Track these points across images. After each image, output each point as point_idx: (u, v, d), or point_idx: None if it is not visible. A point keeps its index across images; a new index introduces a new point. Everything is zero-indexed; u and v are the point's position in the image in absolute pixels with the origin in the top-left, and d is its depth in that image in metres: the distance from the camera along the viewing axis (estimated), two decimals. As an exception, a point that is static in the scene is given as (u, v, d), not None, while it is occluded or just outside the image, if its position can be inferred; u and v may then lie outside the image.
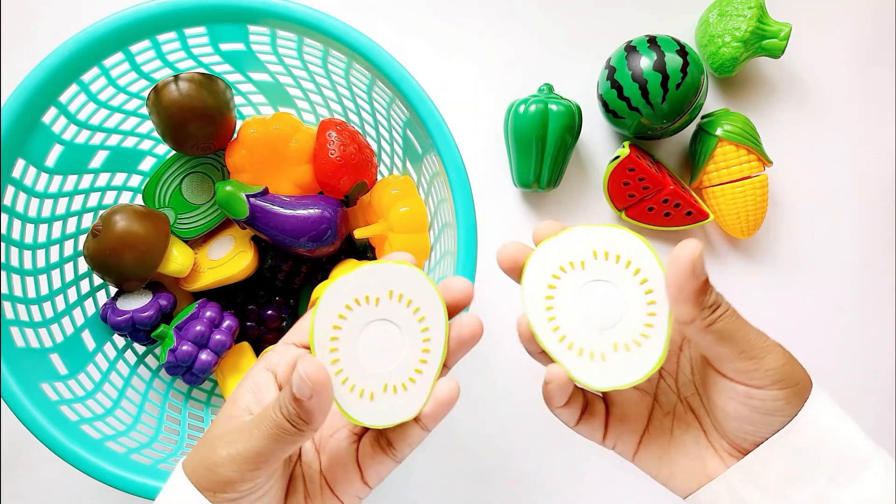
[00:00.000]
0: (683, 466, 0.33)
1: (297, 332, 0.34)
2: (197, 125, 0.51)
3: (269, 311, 0.58)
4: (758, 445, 0.31)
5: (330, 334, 0.31)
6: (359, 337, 0.31)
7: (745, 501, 0.31)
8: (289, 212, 0.52)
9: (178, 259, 0.54)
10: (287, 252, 0.56)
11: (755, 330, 0.30)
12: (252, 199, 0.52)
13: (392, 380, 0.31)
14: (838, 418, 0.31)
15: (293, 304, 0.61)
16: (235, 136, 0.55)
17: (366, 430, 0.33)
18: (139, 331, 0.53)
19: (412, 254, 0.52)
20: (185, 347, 0.52)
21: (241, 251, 0.56)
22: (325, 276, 0.58)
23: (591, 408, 0.34)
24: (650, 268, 0.31)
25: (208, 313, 0.54)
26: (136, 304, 0.54)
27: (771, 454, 0.31)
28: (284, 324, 0.60)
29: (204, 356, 0.52)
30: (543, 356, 0.33)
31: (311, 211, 0.53)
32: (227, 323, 0.54)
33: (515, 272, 0.32)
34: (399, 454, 0.32)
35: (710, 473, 0.32)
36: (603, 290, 0.31)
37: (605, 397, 0.35)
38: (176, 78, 0.49)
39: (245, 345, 0.57)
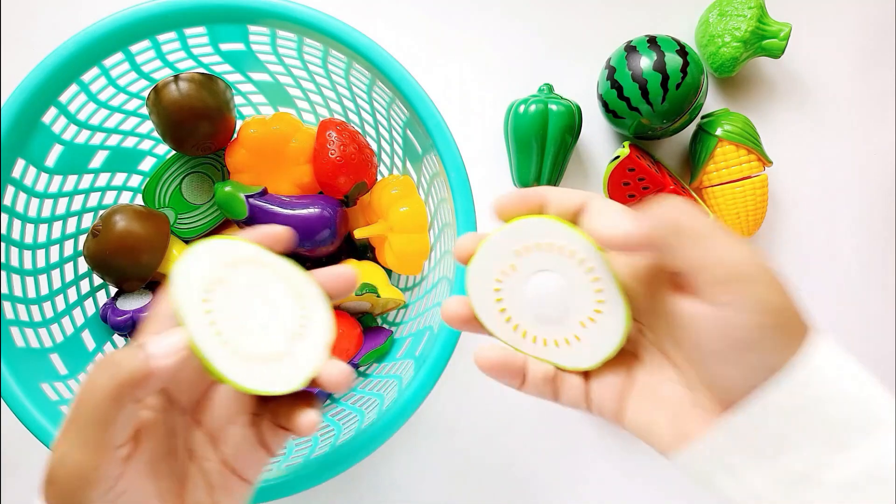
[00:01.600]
0: (667, 427, 0.29)
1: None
2: (197, 125, 0.51)
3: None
4: (745, 395, 0.27)
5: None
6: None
7: (730, 466, 0.27)
8: (288, 212, 0.52)
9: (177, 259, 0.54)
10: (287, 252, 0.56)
11: (737, 244, 0.26)
12: (251, 200, 0.52)
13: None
14: (843, 369, 0.26)
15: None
16: (235, 136, 0.55)
17: (261, 409, 0.33)
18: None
19: (414, 253, 0.53)
20: None
21: None
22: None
23: (567, 377, 0.32)
24: (580, 245, 0.30)
25: None
26: (136, 304, 0.54)
27: (759, 412, 0.26)
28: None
29: None
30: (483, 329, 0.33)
31: (310, 211, 0.53)
32: None
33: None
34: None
35: (687, 432, 0.29)
36: (546, 280, 0.31)
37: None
38: (176, 78, 0.49)
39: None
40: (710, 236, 0.26)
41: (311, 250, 0.53)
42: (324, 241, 0.53)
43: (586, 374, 0.32)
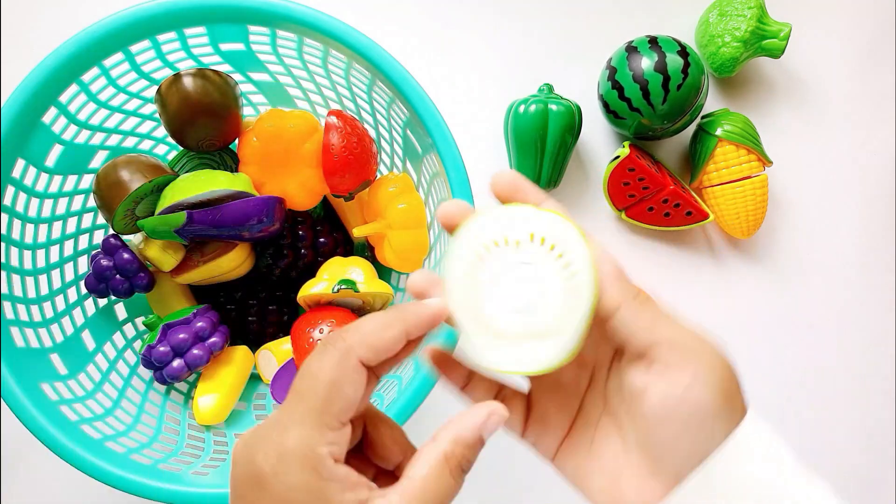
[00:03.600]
0: (598, 480, 0.31)
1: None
2: (200, 121, 0.50)
3: (270, 307, 0.59)
4: (678, 468, 0.28)
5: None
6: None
7: None
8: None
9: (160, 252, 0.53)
10: (280, 250, 0.56)
11: (688, 327, 0.29)
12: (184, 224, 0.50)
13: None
14: (769, 449, 0.28)
15: (293, 301, 0.61)
16: (252, 125, 0.53)
17: None
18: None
19: (413, 249, 0.53)
20: (161, 349, 0.52)
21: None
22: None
23: (508, 401, 0.32)
24: (579, 259, 0.29)
25: (200, 324, 0.53)
26: None
27: (697, 488, 0.28)
28: (286, 318, 0.60)
29: (175, 364, 0.52)
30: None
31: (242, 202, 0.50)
32: (212, 339, 0.53)
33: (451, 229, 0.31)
34: None
35: (623, 492, 0.30)
36: (527, 274, 0.30)
37: (529, 395, 0.34)
38: (182, 73, 0.49)
39: (241, 350, 0.56)
40: (660, 318, 0.28)
41: (254, 234, 0.52)
42: (260, 226, 0.51)
43: (530, 403, 0.33)
